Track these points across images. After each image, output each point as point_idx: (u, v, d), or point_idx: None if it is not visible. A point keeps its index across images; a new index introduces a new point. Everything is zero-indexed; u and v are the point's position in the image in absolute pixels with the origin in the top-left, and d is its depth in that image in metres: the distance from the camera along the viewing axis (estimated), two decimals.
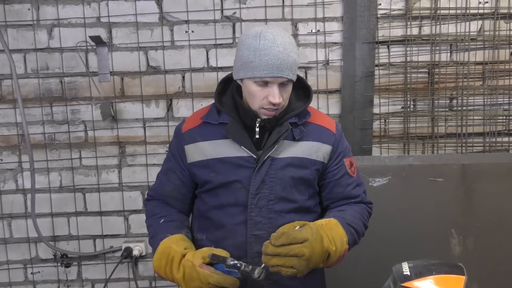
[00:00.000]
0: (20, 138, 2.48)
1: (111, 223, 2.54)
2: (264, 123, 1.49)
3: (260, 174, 1.48)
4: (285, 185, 1.51)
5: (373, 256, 2.24)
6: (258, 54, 1.37)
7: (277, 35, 1.39)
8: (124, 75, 2.45)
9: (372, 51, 2.41)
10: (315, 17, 2.41)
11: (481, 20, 2.41)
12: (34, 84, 2.44)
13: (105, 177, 2.51)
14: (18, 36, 2.41)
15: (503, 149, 2.49)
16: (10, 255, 2.56)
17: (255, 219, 1.49)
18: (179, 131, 1.60)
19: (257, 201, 1.49)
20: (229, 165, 1.50)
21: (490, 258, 2.27)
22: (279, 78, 1.39)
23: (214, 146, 1.52)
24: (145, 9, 2.40)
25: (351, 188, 1.60)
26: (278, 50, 1.37)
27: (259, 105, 1.44)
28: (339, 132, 1.61)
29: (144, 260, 2.56)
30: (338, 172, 1.58)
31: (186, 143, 1.57)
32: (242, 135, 1.49)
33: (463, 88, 2.43)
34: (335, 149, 1.58)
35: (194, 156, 1.55)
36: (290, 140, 1.52)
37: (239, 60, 1.43)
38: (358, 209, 1.59)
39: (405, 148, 2.48)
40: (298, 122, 1.53)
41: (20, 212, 2.53)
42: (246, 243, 1.50)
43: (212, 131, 1.54)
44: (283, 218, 1.50)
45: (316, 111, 1.65)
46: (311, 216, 1.58)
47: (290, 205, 1.52)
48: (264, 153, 1.48)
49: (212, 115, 1.56)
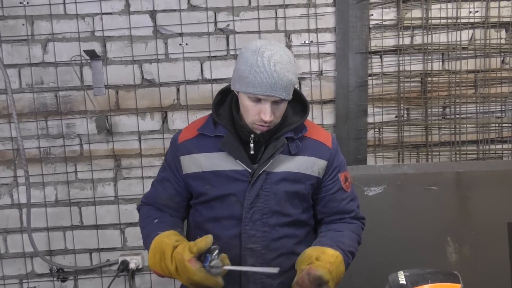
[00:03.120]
0: (15, 153, 2.48)
1: (107, 236, 2.54)
2: (258, 138, 1.49)
3: (255, 188, 1.49)
4: (279, 199, 1.51)
5: (369, 265, 2.24)
6: (253, 71, 1.37)
7: (275, 53, 1.38)
8: (119, 88, 2.46)
9: (365, 61, 2.43)
10: (308, 28, 2.43)
11: (472, 29, 2.44)
12: (29, 99, 2.44)
13: (101, 190, 2.51)
14: (13, 51, 2.42)
15: (497, 157, 2.50)
16: (5, 270, 2.55)
17: (250, 233, 1.50)
18: (176, 142, 1.60)
19: (252, 215, 1.50)
20: (224, 178, 1.51)
21: (486, 265, 2.27)
22: (272, 97, 1.39)
23: (210, 159, 1.53)
24: (139, 23, 2.41)
25: (345, 203, 1.61)
26: (274, 69, 1.36)
27: (252, 120, 1.45)
28: (335, 147, 1.62)
29: (141, 273, 2.55)
30: (333, 187, 1.60)
31: (182, 154, 1.57)
32: (237, 149, 1.49)
33: (456, 97, 2.45)
34: (331, 164, 1.59)
35: (189, 168, 1.55)
36: (286, 155, 1.53)
37: (236, 72, 1.44)
38: (354, 229, 1.61)
39: (400, 157, 2.49)
40: (294, 137, 1.53)
41: (16, 227, 2.52)
42: (241, 257, 1.50)
43: (208, 143, 1.54)
44: (277, 232, 1.52)
45: (312, 125, 1.65)
46: (305, 229, 1.60)
47: (284, 218, 1.53)
48: (260, 167, 1.49)
49: (208, 127, 1.56)
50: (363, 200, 2.25)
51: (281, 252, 1.53)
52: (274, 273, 1.34)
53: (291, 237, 1.55)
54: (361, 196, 2.28)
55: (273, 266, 1.48)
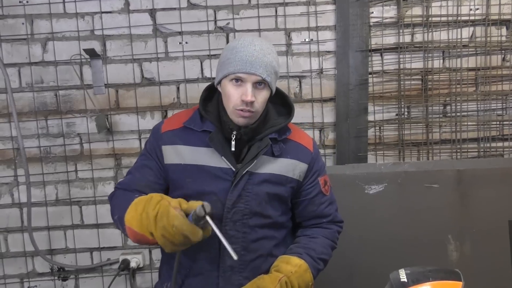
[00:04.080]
0: (15, 152, 2.48)
1: (108, 235, 2.53)
2: (240, 136, 1.48)
3: (238, 188, 1.48)
4: (260, 200, 1.51)
5: (370, 264, 2.24)
6: (234, 52, 1.41)
7: (256, 39, 1.44)
8: (119, 87, 2.45)
9: (366, 59, 2.42)
10: (308, 27, 2.43)
11: (472, 26, 2.44)
12: (29, 98, 2.44)
13: (101, 189, 2.51)
14: (13, 50, 2.41)
15: (498, 154, 2.50)
16: (6, 270, 2.55)
17: (229, 233, 1.49)
18: (158, 131, 1.57)
19: (232, 215, 1.49)
20: (207, 174, 1.49)
21: (488, 263, 2.27)
22: (252, 75, 1.39)
23: (194, 153, 1.50)
24: (139, 21, 2.41)
25: (324, 206, 1.63)
26: (254, 48, 1.40)
27: (234, 105, 1.43)
28: (316, 151, 1.63)
29: (141, 272, 2.55)
30: (313, 191, 1.61)
31: (165, 143, 1.53)
32: (223, 146, 1.48)
33: (457, 94, 2.45)
34: (311, 168, 1.60)
35: (172, 158, 1.52)
36: (269, 156, 1.52)
37: (219, 63, 1.48)
38: (329, 235, 1.62)
39: (400, 155, 2.48)
40: (278, 138, 1.53)
41: (16, 226, 2.52)
42: (219, 257, 1.49)
43: (193, 137, 1.52)
44: (256, 233, 1.52)
45: (295, 128, 1.65)
46: (283, 231, 1.61)
47: (264, 220, 1.53)
48: (243, 167, 1.48)
49: (195, 121, 1.53)
50: (363, 199, 2.28)
51: (260, 254, 1.53)
52: (233, 258, 1.22)
53: (270, 239, 1.56)
54: (362, 195, 2.29)
55: (251, 267, 1.52)
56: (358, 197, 2.29)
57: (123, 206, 1.37)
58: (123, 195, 1.48)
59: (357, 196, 2.29)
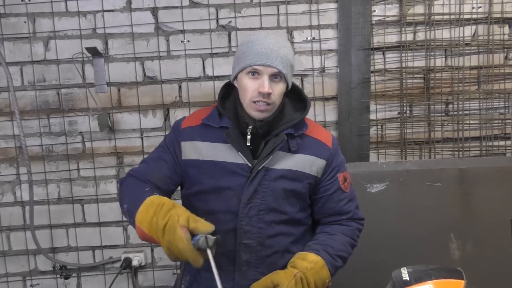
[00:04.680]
0: (17, 151, 2.48)
1: (110, 233, 2.54)
2: (256, 130, 1.49)
3: (253, 184, 1.49)
4: (276, 196, 1.51)
5: (372, 262, 2.24)
6: (250, 45, 1.44)
7: (271, 33, 1.50)
8: (121, 86, 2.45)
9: (368, 58, 2.42)
10: (310, 25, 2.43)
11: (475, 25, 2.43)
12: (31, 96, 2.45)
13: (104, 187, 2.51)
14: (15, 49, 2.42)
15: (500, 153, 2.50)
16: (9, 268, 2.56)
17: (245, 228, 1.50)
18: (178, 126, 1.60)
19: (248, 211, 1.49)
20: (224, 170, 1.50)
21: (490, 262, 2.28)
22: (269, 67, 1.41)
23: (212, 148, 1.52)
24: (141, 20, 2.41)
25: (343, 203, 1.61)
26: (270, 41, 1.43)
27: (250, 97, 1.45)
28: (335, 147, 1.62)
29: (143, 270, 2.56)
30: (331, 187, 1.59)
31: (184, 139, 1.56)
32: (240, 142, 1.49)
33: (459, 93, 2.45)
34: (329, 164, 1.58)
35: (190, 154, 1.54)
36: (286, 152, 1.52)
37: (235, 59, 1.50)
38: (348, 232, 1.60)
39: (402, 154, 2.48)
40: (295, 134, 1.53)
41: (19, 225, 2.53)
42: (235, 252, 1.50)
43: (211, 133, 1.54)
44: (272, 229, 1.52)
45: (314, 124, 1.65)
46: (301, 228, 1.60)
47: (280, 216, 1.53)
48: (259, 163, 1.48)
49: (213, 118, 1.56)
50: (365, 197, 2.28)
51: (276, 250, 1.53)
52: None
53: (287, 235, 1.55)
54: (364, 193, 2.29)
55: (267, 263, 1.52)
56: (360, 195, 2.26)
57: (134, 199, 1.38)
58: (135, 184, 1.50)
59: (359, 194, 2.25)
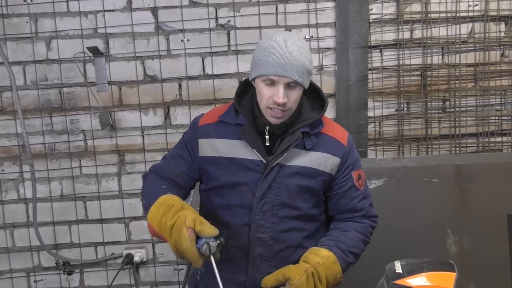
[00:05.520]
0: (21, 149, 2.52)
1: (112, 230, 2.58)
2: (273, 130, 1.51)
3: (268, 180, 1.51)
4: (290, 192, 1.54)
5: (370, 257, 2.24)
6: (266, 53, 1.42)
7: (288, 37, 1.43)
8: (122, 85, 2.49)
9: (365, 56, 2.45)
10: (308, 24, 2.45)
11: (471, 22, 2.45)
12: (33, 95, 2.48)
13: (105, 185, 2.55)
14: (17, 49, 2.45)
15: (496, 149, 2.52)
16: (13, 264, 2.60)
17: (259, 223, 1.53)
18: (196, 124, 1.63)
19: (262, 206, 1.52)
20: (239, 166, 1.54)
21: (486, 257, 2.30)
22: (284, 77, 1.41)
23: (228, 145, 1.55)
24: (141, 19, 2.44)
25: (357, 201, 1.62)
26: (286, 50, 1.40)
27: (266, 104, 1.47)
28: (350, 145, 1.63)
29: (145, 266, 2.59)
30: (345, 184, 1.61)
31: (201, 136, 1.60)
32: (255, 139, 1.52)
33: (456, 90, 2.47)
34: (344, 162, 1.60)
35: (207, 151, 1.58)
36: (301, 149, 1.54)
37: (252, 61, 1.49)
38: (361, 229, 1.62)
39: (400, 150, 2.51)
40: (310, 132, 1.55)
41: (22, 221, 2.57)
42: (248, 245, 1.53)
43: (227, 130, 1.57)
44: (286, 224, 1.55)
45: (330, 122, 1.66)
46: (314, 224, 1.62)
47: (294, 212, 1.56)
48: (274, 160, 1.51)
49: (229, 115, 1.59)
50: None
51: (289, 244, 1.56)
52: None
53: (300, 230, 1.58)
54: None
55: (280, 257, 1.55)
56: None
57: (150, 197, 1.47)
58: (154, 181, 1.59)
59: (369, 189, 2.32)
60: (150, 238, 2.56)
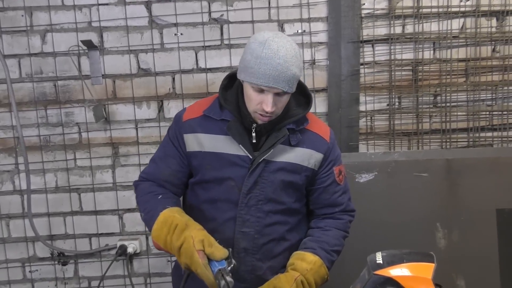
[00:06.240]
0: (16, 141, 2.55)
1: (106, 221, 2.61)
2: (260, 128, 1.54)
3: (254, 175, 1.54)
4: (275, 187, 1.57)
5: (360, 250, 2.24)
6: (258, 62, 1.41)
7: (281, 46, 1.41)
8: (116, 78, 2.51)
9: (357, 50, 2.46)
10: (300, 18, 2.47)
11: (462, 18, 2.47)
12: (28, 88, 2.51)
13: (100, 177, 2.58)
14: (13, 42, 2.48)
15: (487, 144, 2.54)
16: (8, 254, 2.64)
17: (244, 217, 1.56)
18: (180, 119, 1.63)
19: (248, 200, 1.56)
20: (225, 161, 1.56)
21: (475, 250, 2.32)
22: (274, 88, 1.43)
23: (213, 140, 1.57)
24: (135, 13, 2.46)
25: (337, 195, 1.67)
26: (278, 62, 1.39)
27: (254, 109, 1.49)
28: (332, 141, 1.67)
29: (138, 258, 2.63)
30: (327, 179, 1.65)
31: (186, 131, 1.60)
32: (241, 135, 1.54)
33: (447, 85, 2.49)
34: (326, 158, 1.64)
35: (193, 146, 1.59)
36: (286, 145, 1.57)
37: (242, 62, 1.48)
38: (341, 226, 1.68)
39: (391, 145, 2.53)
40: (296, 129, 1.58)
41: (18, 213, 2.60)
42: (234, 239, 1.56)
43: (212, 125, 1.58)
44: (270, 218, 1.58)
45: (314, 118, 1.69)
46: (296, 217, 1.66)
47: (278, 206, 1.59)
48: (260, 156, 1.53)
49: (214, 109, 1.59)
50: (354, 187, 2.30)
51: (272, 238, 1.60)
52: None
53: (283, 224, 1.62)
54: (353, 183, 2.32)
55: (263, 250, 1.59)
56: (349, 185, 2.33)
57: (148, 209, 1.52)
58: (149, 190, 1.60)
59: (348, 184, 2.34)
60: (144, 230, 2.60)
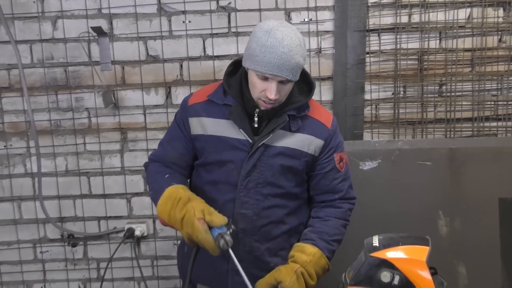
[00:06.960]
0: (27, 125, 2.60)
1: (115, 205, 2.67)
2: (262, 113, 1.58)
3: (253, 159, 1.59)
4: (274, 171, 1.61)
5: (363, 238, 2.29)
6: (263, 51, 1.45)
7: (286, 35, 1.46)
8: (125, 64, 2.55)
9: (363, 39, 2.48)
10: (307, 6, 2.48)
11: (469, 7, 2.46)
12: (40, 73, 2.56)
13: (108, 161, 2.64)
14: (25, 28, 2.52)
15: (491, 134, 2.54)
16: (20, 235, 2.71)
17: (243, 199, 1.61)
18: (186, 103, 1.70)
19: (247, 183, 1.60)
20: (226, 144, 1.61)
21: (477, 239, 2.34)
22: (278, 76, 1.47)
23: (215, 124, 1.62)
24: (144, 1, 2.49)
25: (337, 182, 1.70)
26: (283, 51, 1.44)
27: (258, 96, 1.54)
28: (334, 128, 1.70)
29: (146, 240, 2.69)
30: (327, 166, 1.68)
31: (191, 115, 1.66)
32: (242, 119, 1.58)
33: (452, 75, 2.49)
34: (327, 144, 1.67)
35: (197, 129, 1.65)
36: (286, 131, 1.61)
37: (248, 49, 1.52)
38: (340, 215, 1.70)
39: (395, 133, 2.55)
40: (296, 115, 1.62)
41: (29, 195, 2.67)
42: (233, 220, 1.58)
43: (216, 109, 1.63)
44: (269, 201, 1.63)
45: (316, 105, 1.72)
46: (296, 201, 1.70)
47: (277, 190, 1.63)
48: (259, 140, 1.58)
49: (218, 95, 1.65)
50: (358, 174, 2.34)
51: (271, 220, 1.64)
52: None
53: (282, 207, 1.65)
54: (356, 171, 2.35)
55: (262, 232, 1.63)
56: (353, 173, 2.30)
57: (156, 188, 1.58)
58: (156, 170, 1.68)
59: (352, 172, 2.32)
60: (151, 214, 2.65)
